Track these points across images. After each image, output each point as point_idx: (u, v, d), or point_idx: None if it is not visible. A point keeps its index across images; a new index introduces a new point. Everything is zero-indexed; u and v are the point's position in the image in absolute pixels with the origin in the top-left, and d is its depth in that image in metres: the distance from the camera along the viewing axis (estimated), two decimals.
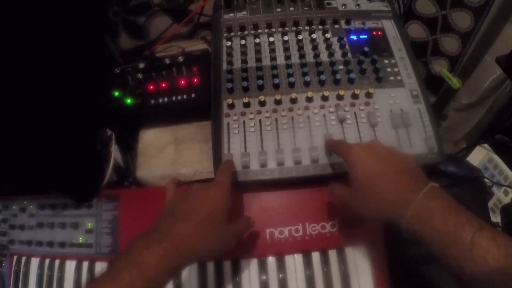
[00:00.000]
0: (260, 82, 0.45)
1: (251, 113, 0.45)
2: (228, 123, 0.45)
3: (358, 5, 0.51)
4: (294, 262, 0.44)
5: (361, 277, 0.42)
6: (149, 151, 0.51)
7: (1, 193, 0.54)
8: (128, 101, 0.51)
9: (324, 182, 0.43)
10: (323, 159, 0.42)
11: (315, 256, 0.44)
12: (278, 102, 0.45)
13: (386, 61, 0.47)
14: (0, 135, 0.41)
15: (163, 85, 0.51)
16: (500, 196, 0.44)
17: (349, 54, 0.47)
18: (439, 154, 0.42)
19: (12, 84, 0.38)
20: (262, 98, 0.44)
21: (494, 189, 0.46)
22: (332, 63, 0.47)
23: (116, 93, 0.52)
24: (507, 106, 0.51)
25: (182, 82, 0.50)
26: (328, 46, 0.48)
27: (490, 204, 0.47)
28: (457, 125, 0.64)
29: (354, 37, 0.49)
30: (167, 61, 0.51)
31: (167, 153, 0.50)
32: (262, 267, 0.44)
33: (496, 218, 0.46)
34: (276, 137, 0.43)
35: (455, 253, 0.27)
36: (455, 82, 0.54)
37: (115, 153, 0.53)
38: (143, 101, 0.50)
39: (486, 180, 0.46)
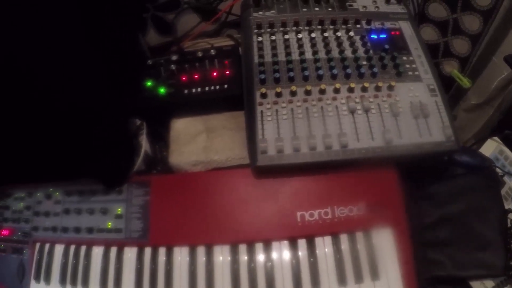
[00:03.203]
0: (291, 74, 0.53)
1: (283, 102, 0.52)
2: (262, 111, 0.51)
3: (377, 7, 0.60)
4: (324, 244, 0.50)
5: (387, 260, 0.49)
6: (181, 138, 0.57)
7: (28, 180, 0.58)
8: (162, 90, 0.57)
9: (352, 167, 0.50)
10: (351, 145, 0.49)
11: (344, 238, 0.50)
12: (308, 93, 0.52)
13: (404, 58, 0.55)
14: (37, 122, 0.46)
15: (196, 76, 0.57)
16: (511, 185, 0.52)
17: (371, 51, 0.55)
18: (456, 142, 0.50)
19: (53, 71, 0.44)
20: (293, 88, 0.52)
21: (506, 178, 0.53)
22: (356, 59, 0.55)
23: (149, 83, 0.58)
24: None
25: (215, 73, 0.57)
26: (352, 44, 0.56)
27: (502, 192, 0.54)
28: (466, 125, 0.72)
29: (374, 36, 0.57)
30: (200, 54, 0.58)
31: (199, 141, 0.56)
32: (293, 249, 0.50)
33: (508, 205, 0.54)
34: (308, 124, 0.50)
35: None
36: (465, 82, 0.63)
37: (145, 141, 0.58)
38: (176, 91, 0.57)
39: (498, 170, 0.53)
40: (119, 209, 0.56)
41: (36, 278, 0.57)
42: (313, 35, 0.57)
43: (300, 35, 0.57)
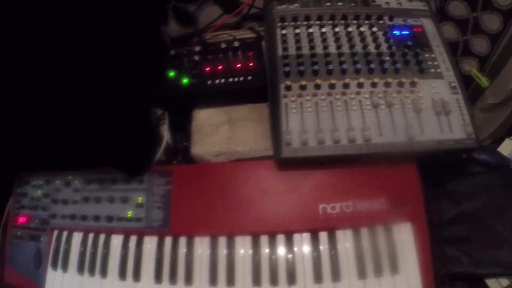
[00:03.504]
0: (316, 67, 0.54)
1: (307, 95, 0.53)
2: (286, 103, 0.52)
3: (399, 3, 0.61)
4: (345, 237, 0.51)
5: (406, 254, 0.50)
6: (204, 129, 0.58)
7: (52, 167, 0.59)
8: (185, 81, 0.58)
9: (374, 161, 0.51)
10: (375, 139, 0.50)
11: (364, 232, 0.51)
12: (332, 87, 0.53)
13: (426, 55, 0.56)
14: (61, 110, 0.47)
15: (219, 67, 0.58)
16: None
17: (394, 47, 0.56)
18: (476, 140, 0.51)
19: (78, 59, 0.44)
20: (318, 81, 0.53)
21: None
22: (379, 54, 0.56)
23: (172, 74, 0.59)
24: None
25: (238, 65, 0.58)
26: (375, 39, 0.57)
27: None
28: (482, 125, 0.73)
29: (397, 32, 0.58)
30: (223, 45, 0.59)
31: (222, 131, 0.57)
32: (314, 241, 0.51)
33: None
34: (331, 117, 0.51)
35: None
36: (484, 81, 0.64)
37: (166, 131, 0.59)
38: (199, 82, 0.58)
39: None
40: (140, 198, 0.57)
41: (53, 266, 0.58)
42: (336, 29, 0.57)
43: (324, 29, 0.58)
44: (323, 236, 0.51)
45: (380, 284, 0.48)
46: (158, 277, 0.52)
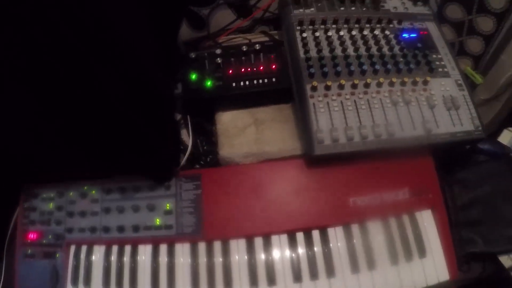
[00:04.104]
0: (339, 68, 0.59)
1: (333, 95, 0.58)
2: (314, 103, 0.57)
3: (406, 8, 0.69)
4: (375, 227, 0.56)
5: (431, 239, 0.57)
6: (230, 131, 0.60)
7: (78, 175, 0.58)
8: (208, 83, 0.61)
9: (395, 154, 0.57)
10: (398, 134, 0.56)
11: (392, 222, 0.57)
12: (354, 86, 0.59)
13: (434, 56, 0.64)
14: (89, 120, 0.47)
15: (242, 69, 0.62)
16: None
17: (405, 49, 0.63)
18: (483, 131, 0.59)
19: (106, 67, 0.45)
20: (343, 82, 0.58)
21: None
22: (394, 56, 0.62)
23: (194, 76, 0.61)
24: None
25: (261, 67, 0.62)
26: (388, 42, 0.64)
27: None
28: None
29: (406, 35, 0.65)
30: (244, 48, 0.62)
31: (249, 133, 0.60)
32: (348, 234, 0.55)
33: None
34: (357, 115, 0.57)
35: None
36: (478, 78, 0.74)
37: (190, 135, 0.61)
38: (224, 84, 0.60)
39: None
40: (168, 205, 0.58)
41: (73, 283, 0.58)
42: (353, 33, 0.63)
43: (341, 33, 0.63)
44: (355, 228, 0.56)
45: (411, 268, 0.54)
46: (195, 284, 0.54)
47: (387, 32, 0.65)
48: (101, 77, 0.43)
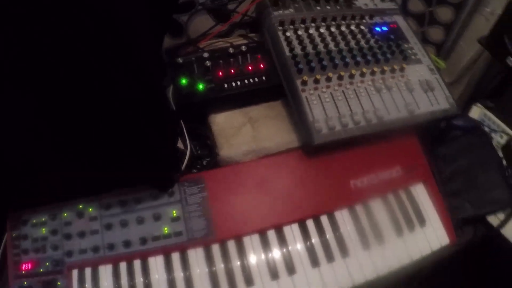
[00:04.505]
0: (324, 63, 0.65)
1: (322, 87, 0.63)
2: (306, 97, 0.62)
3: (375, 4, 0.77)
4: (377, 205, 0.61)
5: (427, 209, 0.63)
6: (226, 132, 0.63)
7: (78, 195, 0.57)
8: (201, 86, 0.63)
9: (384, 137, 0.63)
10: (386, 117, 0.63)
11: (392, 198, 0.62)
12: (340, 78, 0.65)
13: (406, 45, 0.72)
14: (89, 125, 0.48)
15: (232, 71, 0.65)
16: (497, 139, 0.73)
17: (380, 41, 0.71)
18: (457, 109, 0.68)
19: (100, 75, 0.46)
20: (330, 74, 0.63)
21: (492, 134, 0.73)
22: (371, 48, 0.70)
23: (184, 81, 0.63)
24: (483, 79, 0.81)
25: (250, 67, 0.66)
26: (363, 35, 0.71)
27: None
28: None
29: (378, 29, 0.73)
30: (231, 50, 0.66)
31: (245, 131, 0.63)
32: (354, 215, 0.60)
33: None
34: (347, 104, 0.63)
35: None
36: (441, 63, 0.84)
37: (187, 140, 0.62)
38: (216, 86, 0.63)
39: (486, 129, 0.73)
40: (174, 211, 0.59)
41: None
42: (332, 29, 0.70)
43: (321, 30, 0.69)
44: (359, 209, 0.61)
45: (415, 238, 0.60)
46: (216, 287, 0.55)
47: (361, 27, 0.72)
48: (102, 78, 0.43)
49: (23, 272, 0.56)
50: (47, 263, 0.57)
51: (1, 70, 0.39)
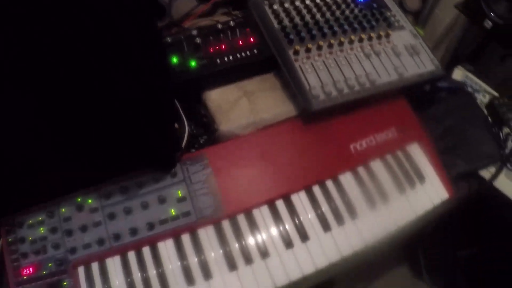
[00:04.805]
0: (314, 32, 0.67)
1: (314, 56, 0.65)
2: (300, 66, 0.63)
3: None
4: (377, 166, 0.64)
5: (424, 166, 0.67)
6: (223, 107, 0.63)
7: (81, 185, 0.56)
8: (193, 63, 0.63)
9: (379, 99, 0.66)
10: (378, 81, 0.65)
11: (390, 159, 0.65)
12: (330, 46, 0.67)
13: (388, 13, 0.76)
14: (86, 107, 0.47)
15: (223, 46, 0.65)
16: (480, 98, 0.78)
17: (363, 10, 0.74)
18: (442, 70, 0.72)
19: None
20: (321, 43, 0.65)
21: (476, 94, 0.79)
22: (355, 16, 0.73)
23: (175, 60, 0.63)
24: (460, 44, 0.87)
25: (240, 42, 0.66)
26: (347, 5, 0.74)
27: None
28: None
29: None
30: (219, 26, 0.66)
31: (242, 105, 0.63)
32: (357, 177, 0.62)
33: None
34: (340, 70, 0.65)
35: None
36: (420, 31, 0.88)
37: (184, 118, 0.62)
38: (209, 62, 0.63)
39: (469, 89, 0.78)
40: (179, 192, 0.58)
41: None
42: (317, 1, 0.72)
43: (307, 2, 0.71)
44: (361, 171, 0.63)
45: (417, 194, 0.63)
46: (232, 265, 0.55)
47: None
48: (102, 77, 0.43)
49: (25, 277, 0.54)
50: (50, 264, 0.54)
51: (1, 70, 0.39)
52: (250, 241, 0.56)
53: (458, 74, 0.81)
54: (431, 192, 0.64)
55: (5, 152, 0.47)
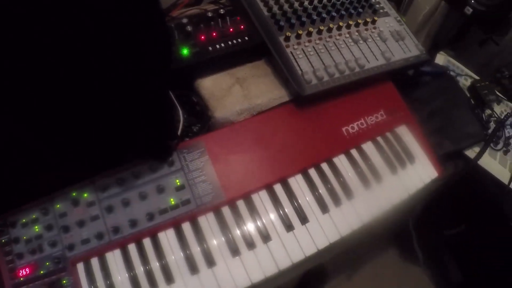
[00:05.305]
0: (303, 19, 0.69)
1: (304, 42, 0.68)
2: (291, 52, 0.66)
3: None
4: (369, 148, 0.67)
5: (413, 147, 0.71)
6: (216, 94, 0.64)
7: (74, 179, 0.56)
8: (185, 51, 0.63)
9: (368, 83, 0.69)
10: (367, 65, 0.69)
11: (380, 140, 0.69)
12: (319, 32, 0.70)
13: (373, 1, 0.79)
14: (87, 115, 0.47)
15: (214, 34, 0.66)
16: (463, 82, 0.83)
17: None
18: (427, 55, 0.76)
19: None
20: (310, 29, 0.68)
21: (458, 78, 0.84)
22: (342, 3, 0.75)
23: None
24: (441, 30, 0.92)
25: (231, 29, 0.67)
26: None
27: None
28: None
29: None
30: (210, 14, 0.67)
31: (235, 92, 0.65)
32: (351, 159, 0.65)
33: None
34: (329, 56, 0.68)
35: None
36: (402, 18, 0.93)
37: (178, 107, 0.63)
38: (201, 50, 0.64)
39: (452, 73, 0.83)
40: (177, 180, 0.59)
41: None
42: None
43: None
44: (354, 153, 0.66)
45: (408, 174, 0.67)
46: (235, 250, 0.56)
47: None
48: (102, 77, 0.43)
49: (22, 278, 0.53)
50: (47, 263, 0.54)
51: (1, 70, 0.39)
52: (251, 226, 0.58)
53: (441, 59, 0.86)
54: (421, 172, 0.68)
55: (8, 150, 0.46)
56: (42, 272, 0.53)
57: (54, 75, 0.43)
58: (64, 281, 0.53)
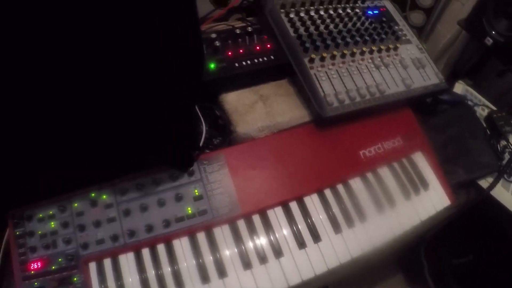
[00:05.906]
0: (329, 42, 0.73)
1: (328, 65, 0.71)
2: (315, 73, 0.69)
3: None
4: (384, 172, 0.70)
5: (427, 174, 0.73)
6: (239, 110, 0.68)
7: (99, 179, 0.58)
8: (212, 66, 0.67)
9: (387, 108, 0.73)
10: (387, 91, 0.72)
11: (396, 165, 0.72)
12: (343, 56, 0.73)
13: (396, 27, 0.83)
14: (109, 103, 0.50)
15: (241, 50, 0.70)
16: (480, 112, 0.86)
17: (374, 23, 0.81)
18: (446, 84, 0.79)
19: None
20: (335, 53, 0.71)
21: (475, 108, 0.87)
22: (366, 29, 0.79)
23: None
24: (460, 59, 0.95)
25: (258, 47, 0.71)
26: (359, 18, 0.81)
27: None
28: None
29: (371, 12, 0.83)
30: (238, 31, 0.71)
31: (258, 108, 0.68)
32: (366, 182, 0.68)
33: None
34: (351, 80, 0.71)
35: None
36: (423, 45, 0.96)
37: (201, 119, 0.66)
38: (227, 65, 0.68)
39: (469, 103, 0.86)
40: (196, 190, 0.62)
41: None
42: (330, 12, 0.79)
43: (321, 12, 0.78)
44: (370, 176, 0.69)
45: (421, 200, 0.69)
46: (247, 263, 0.59)
47: (356, 10, 0.82)
48: (102, 77, 0.44)
49: (32, 272, 0.56)
50: (60, 259, 0.56)
51: (1, 70, 0.40)
52: (264, 240, 0.60)
53: (459, 88, 0.89)
54: (434, 199, 0.70)
55: (19, 141, 0.48)
56: (53, 267, 0.56)
57: (89, 81, 0.44)
58: (75, 279, 0.56)
